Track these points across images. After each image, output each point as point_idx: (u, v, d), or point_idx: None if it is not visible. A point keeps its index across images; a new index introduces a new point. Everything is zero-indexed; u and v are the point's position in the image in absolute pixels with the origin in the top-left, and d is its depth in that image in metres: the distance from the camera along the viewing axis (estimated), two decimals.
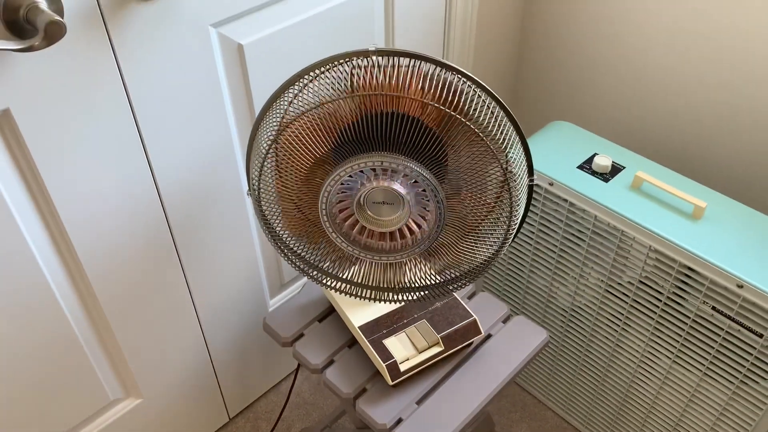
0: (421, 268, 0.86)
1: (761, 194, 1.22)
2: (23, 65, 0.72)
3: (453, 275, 0.86)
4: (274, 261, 1.22)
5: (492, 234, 0.80)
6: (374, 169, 0.74)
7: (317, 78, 0.74)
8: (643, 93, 1.31)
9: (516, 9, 1.41)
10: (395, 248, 0.81)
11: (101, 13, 0.75)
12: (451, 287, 0.88)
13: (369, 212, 0.79)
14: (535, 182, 1.07)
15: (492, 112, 0.74)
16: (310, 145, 0.76)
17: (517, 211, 0.77)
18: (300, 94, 0.74)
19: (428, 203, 0.76)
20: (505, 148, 0.74)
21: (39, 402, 0.97)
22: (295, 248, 0.87)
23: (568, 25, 1.37)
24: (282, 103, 0.76)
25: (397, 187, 0.75)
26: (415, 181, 0.75)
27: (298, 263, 0.89)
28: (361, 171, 0.74)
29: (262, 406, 1.36)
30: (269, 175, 0.79)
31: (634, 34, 1.26)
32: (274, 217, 0.84)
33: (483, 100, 0.74)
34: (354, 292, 0.91)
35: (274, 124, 0.76)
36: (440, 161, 0.76)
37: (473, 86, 0.74)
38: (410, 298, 0.90)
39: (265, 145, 0.77)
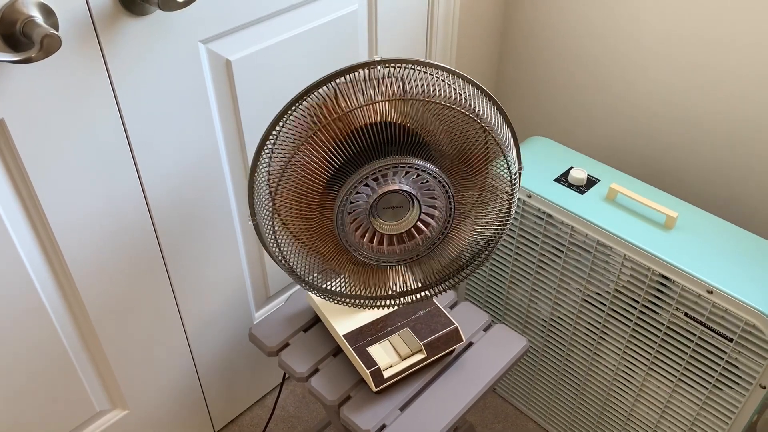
0: (432, 263, 0.89)
1: (729, 205, 1.26)
2: (18, 77, 0.74)
3: (463, 260, 0.89)
4: (260, 274, 1.24)
5: (495, 204, 0.84)
6: (377, 179, 0.77)
7: (287, 123, 0.78)
8: (617, 110, 1.36)
9: (495, 30, 1.46)
10: (410, 248, 0.84)
11: (95, 28, 0.78)
12: (461, 275, 0.91)
13: (381, 220, 0.82)
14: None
15: (480, 103, 0.79)
16: (310, 183, 0.78)
17: (513, 167, 0.81)
18: (277, 142, 0.78)
19: (434, 192, 0.80)
20: (490, 121, 0.78)
21: (25, 412, 0.97)
22: (303, 277, 0.89)
23: (545, 46, 1.41)
24: (266, 153, 0.79)
25: (404, 186, 0.78)
26: (418, 176, 0.78)
27: (310, 288, 0.92)
28: (366, 185, 0.77)
29: (247, 419, 1.37)
30: (277, 223, 0.81)
31: (608, 54, 1.31)
32: (288, 250, 0.86)
33: (467, 92, 0.78)
34: (370, 305, 0.93)
35: (265, 184, 0.79)
36: (426, 152, 0.79)
37: (461, 83, 0.78)
38: (417, 297, 0.93)
39: (266, 198, 0.79)
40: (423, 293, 0.93)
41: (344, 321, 0.98)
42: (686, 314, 0.97)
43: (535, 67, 1.46)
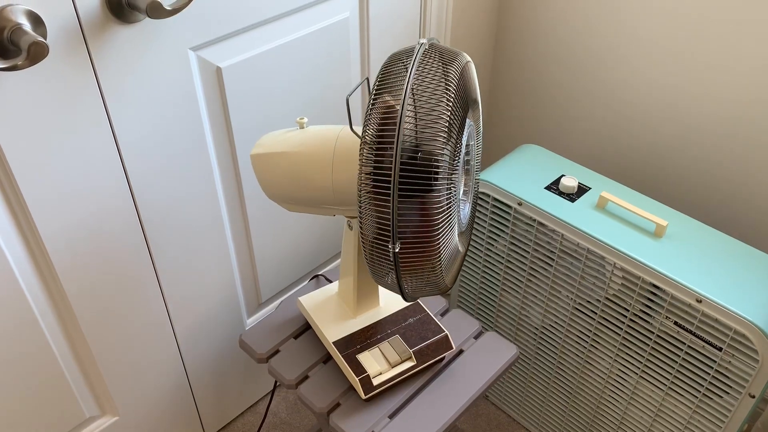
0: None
1: (719, 213, 1.27)
2: (6, 84, 0.74)
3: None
4: (252, 280, 1.24)
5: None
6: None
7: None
8: (608, 119, 1.36)
9: (487, 38, 1.46)
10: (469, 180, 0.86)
11: (83, 35, 0.78)
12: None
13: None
14: (505, 202, 1.11)
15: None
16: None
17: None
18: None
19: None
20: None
21: (14, 418, 0.97)
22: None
23: (537, 55, 1.42)
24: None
25: (467, 141, 0.79)
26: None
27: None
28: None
29: (238, 426, 1.36)
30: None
31: (600, 64, 1.32)
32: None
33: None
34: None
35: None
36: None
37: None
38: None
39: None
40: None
41: (334, 328, 0.98)
42: (676, 323, 0.97)
43: (527, 76, 1.46)
